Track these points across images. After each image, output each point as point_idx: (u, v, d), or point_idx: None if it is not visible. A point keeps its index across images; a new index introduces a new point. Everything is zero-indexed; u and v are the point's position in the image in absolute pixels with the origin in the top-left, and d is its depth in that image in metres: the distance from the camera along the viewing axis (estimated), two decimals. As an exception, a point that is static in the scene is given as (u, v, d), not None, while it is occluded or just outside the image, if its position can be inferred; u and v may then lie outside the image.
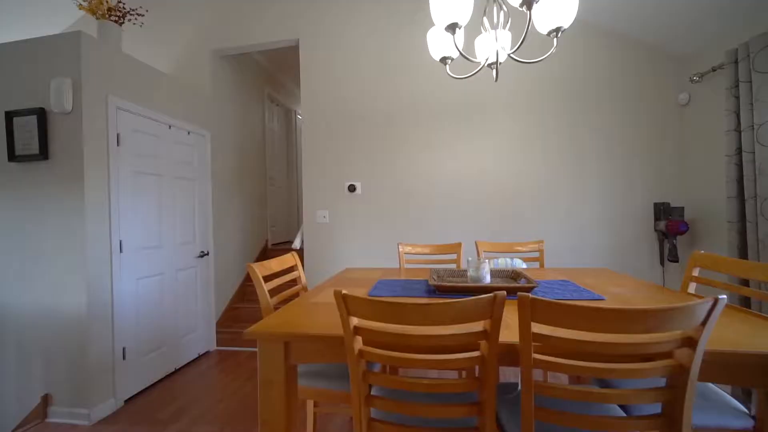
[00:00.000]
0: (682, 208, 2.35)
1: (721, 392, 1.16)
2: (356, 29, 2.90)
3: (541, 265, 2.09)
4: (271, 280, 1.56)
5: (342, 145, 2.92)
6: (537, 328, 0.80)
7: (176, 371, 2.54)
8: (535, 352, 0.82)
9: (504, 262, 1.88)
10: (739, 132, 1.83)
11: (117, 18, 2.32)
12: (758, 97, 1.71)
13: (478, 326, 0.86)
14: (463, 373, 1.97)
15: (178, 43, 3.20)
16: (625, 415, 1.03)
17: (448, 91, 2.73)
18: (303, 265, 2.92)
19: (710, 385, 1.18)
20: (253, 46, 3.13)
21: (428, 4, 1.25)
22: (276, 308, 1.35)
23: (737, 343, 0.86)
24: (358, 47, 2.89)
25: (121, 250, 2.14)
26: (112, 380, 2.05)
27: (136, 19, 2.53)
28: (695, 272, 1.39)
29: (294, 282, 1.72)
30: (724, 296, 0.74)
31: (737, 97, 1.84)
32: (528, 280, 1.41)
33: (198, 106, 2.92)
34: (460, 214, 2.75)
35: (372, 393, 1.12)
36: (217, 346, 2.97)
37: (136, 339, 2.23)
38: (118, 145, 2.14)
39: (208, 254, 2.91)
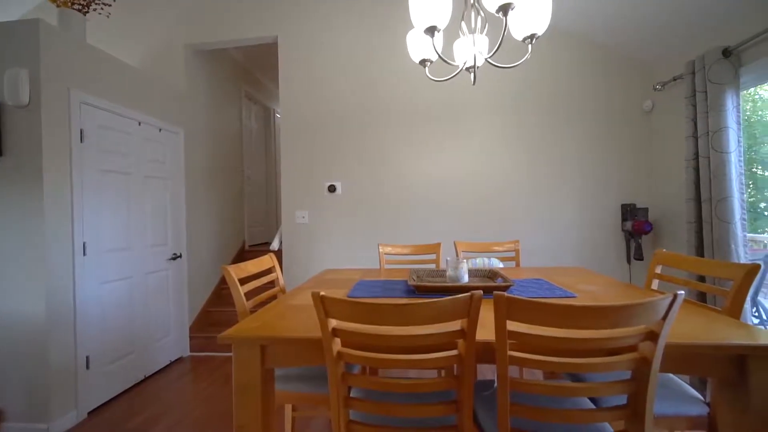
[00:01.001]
0: (647, 209, 2.49)
1: (680, 382, 1.23)
2: (337, 28, 2.88)
3: (517, 264, 2.15)
4: (248, 282, 1.52)
5: (322, 145, 2.89)
6: (512, 326, 0.82)
7: (146, 379, 2.42)
8: (510, 350, 0.84)
9: (482, 262, 1.92)
10: (696, 138, 1.96)
11: (81, 7, 2.19)
12: (712, 106, 1.84)
13: (455, 325, 0.87)
14: (443, 372, 2.00)
15: (149, 36, 3.06)
16: (594, 407, 1.08)
17: (429, 93, 2.77)
18: (281, 267, 2.86)
19: (670, 375, 1.26)
20: (229, 42, 3.04)
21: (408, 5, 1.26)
22: (252, 311, 1.32)
23: (694, 335, 0.92)
24: (338, 46, 2.87)
25: (84, 253, 2.01)
26: (74, 391, 1.93)
27: (102, 8, 2.40)
28: (658, 270, 1.47)
29: (272, 284, 1.68)
30: (682, 292, 0.79)
31: (694, 106, 1.97)
32: (504, 279, 1.44)
33: (171, 102, 2.80)
34: (440, 214, 2.78)
35: (351, 395, 1.11)
36: (191, 351, 2.86)
37: (102, 346, 2.11)
38: (81, 141, 2.01)
39: (181, 256, 2.80)
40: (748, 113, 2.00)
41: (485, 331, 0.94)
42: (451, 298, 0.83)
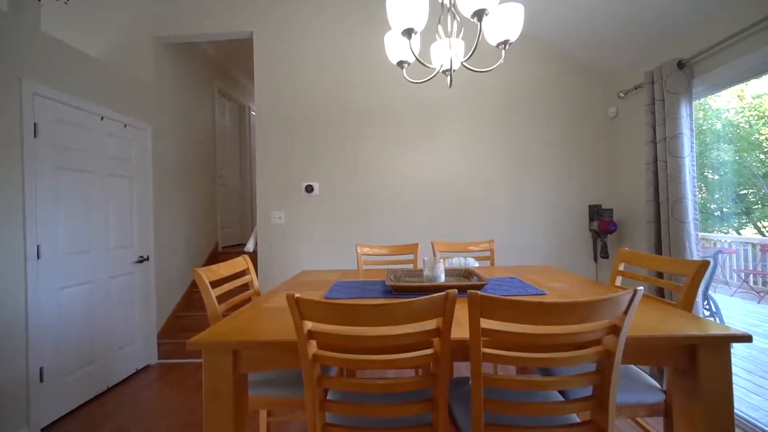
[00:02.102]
0: (612, 210, 2.63)
1: (640, 372, 1.31)
2: (314, 26, 2.84)
3: (492, 264, 2.21)
4: (221, 285, 1.47)
5: (299, 144, 2.84)
6: (486, 323, 0.84)
7: (109, 390, 2.28)
8: (484, 347, 0.86)
9: (458, 262, 1.96)
10: (655, 143, 2.10)
11: (35, -9, 2.03)
12: (669, 114, 1.97)
13: (431, 324, 0.88)
14: (420, 370, 2.02)
15: (115, 27, 2.89)
16: (563, 399, 1.12)
17: (407, 95, 2.79)
18: (256, 269, 2.79)
19: (632, 366, 1.33)
20: (201, 36, 2.93)
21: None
22: (225, 315, 1.27)
23: (651, 328, 0.98)
24: (316, 45, 2.83)
25: (39, 257, 1.87)
26: (25, 406, 1.78)
27: (59, -6, 2.24)
28: (621, 267, 1.56)
29: (246, 287, 1.63)
30: (641, 288, 0.84)
31: (653, 113, 2.10)
32: (479, 278, 1.48)
33: (137, 97, 2.66)
34: (418, 214, 2.81)
35: (328, 398, 1.10)
36: (159, 359, 2.73)
37: (58, 357, 1.96)
38: (35, 136, 1.87)
39: (148, 259, 2.66)
40: (700, 121, 2.16)
41: (461, 329, 0.95)
42: (426, 297, 0.83)
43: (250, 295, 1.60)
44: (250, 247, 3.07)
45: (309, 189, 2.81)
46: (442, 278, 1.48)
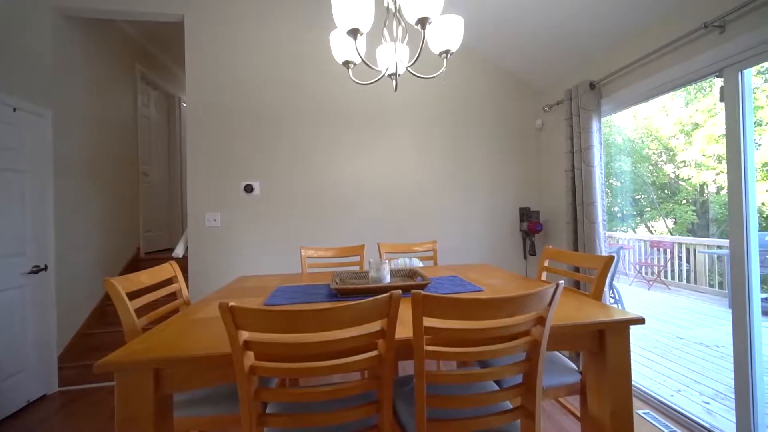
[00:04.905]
0: (539, 212, 2.92)
1: (561, 356, 1.47)
2: (257, 15, 2.68)
3: (435, 263, 2.29)
4: (141, 296, 1.30)
5: (238, 141, 2.65)
6: (428, 321, 0.86)
7: (-11, 430, 1.87)
8: (426, 345, 0.88)
9: (403, 262, 2.00)
10: (573, 153, 2.38)
11: None
12: (583, 127, 2.25)
13: (376, 326, 0.88)
14: (366, 373, 2.01)
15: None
16: (498, 388, 1.20)
17: (354, 95, 2.77)
18: (186, 276, 2.53)
19: (555, 352, 1.49)
20: (116, 12, 2.56)
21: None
22: (146, 329, 1.12)
23: (570, 317, 1.10)
24: (257, 36, 2.67)
25: None
26: None
27: None
28: (546, 263, 1.73)
29: (173, 296, 1.47)
30: (562, 282, 0.94)
31: (571, 126, 2.39)
32: (423, 278, 1.52)
33: (32, 77, 2.24)
34: (365, 216, 2.81)
35: (267, 411, 1.03)
36: (61, 386, 2.32)
37: None
38: None
39: (46, 269, 2.25)
40: (606, 135, 2.51)
41: (405, 329, 0.97)
42: (371, 299, 0.83)
43: (177, 306, 1.44)
44: (179, 252, 2.77)
45: (249, 189, 2.64)
46: (388, 279, 1.49)
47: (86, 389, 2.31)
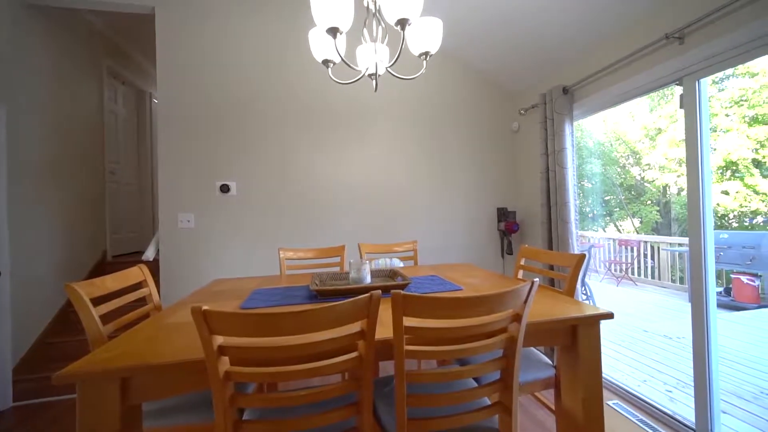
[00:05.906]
0: (515, 212, 3.01)
1: (537, 352, 1.51)
2: (234, 10, 2.60)
3: (416, 263, 2.31)
4: (108, 301, 1.23)
5: (213, 140, 2.56)
6: (408, 321, 0.86)
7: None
8: (407, 344, 0.88)
9: (384, 262, 2.00)
10: (547, 155, 2.46)
11: None
12: (556, 131, 2.34)
13: (356, 327, 0.87)
14: (346, 374, 1.99)
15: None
16: (477, 385, 1.22)
17: (334, 95, 2.75)
18: (158, 281, 2.42)
19: (531, 348, 1.53)
20: (80, 2, 2.42)
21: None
22: (112, 337, 1.06)
23: (545, 313, 1.14)
24: (234, 31, 2.59)
25: None
26: None
27: None
28: (522, 262, 1.78)
29: (143, 302, 1.40)
30: (537, 279, 0.97)
31: (546, 129, 2.47)
32: (403, 278, 1.53)
33: (-18, 66, 2.08)
34: (345, 216, 2.79)
35: (244, 418, 1.01)
36: (16, 401, 2.15)
37: None
38: None
39: None
40: (578, 139, 2.61)
41: (385, 329, 0.96)
42: (351, 300, 0.82)
43: (147, 311, 1.38)
44: (149, 254, 2.65)
45: (225, 189, 2.56)
46: (368, 280, 1.48)
47: (45, 403, 2.16)
